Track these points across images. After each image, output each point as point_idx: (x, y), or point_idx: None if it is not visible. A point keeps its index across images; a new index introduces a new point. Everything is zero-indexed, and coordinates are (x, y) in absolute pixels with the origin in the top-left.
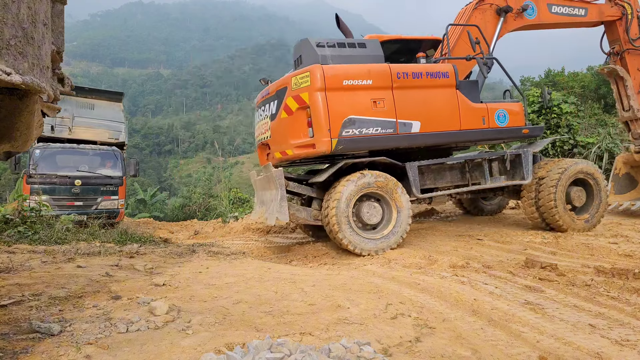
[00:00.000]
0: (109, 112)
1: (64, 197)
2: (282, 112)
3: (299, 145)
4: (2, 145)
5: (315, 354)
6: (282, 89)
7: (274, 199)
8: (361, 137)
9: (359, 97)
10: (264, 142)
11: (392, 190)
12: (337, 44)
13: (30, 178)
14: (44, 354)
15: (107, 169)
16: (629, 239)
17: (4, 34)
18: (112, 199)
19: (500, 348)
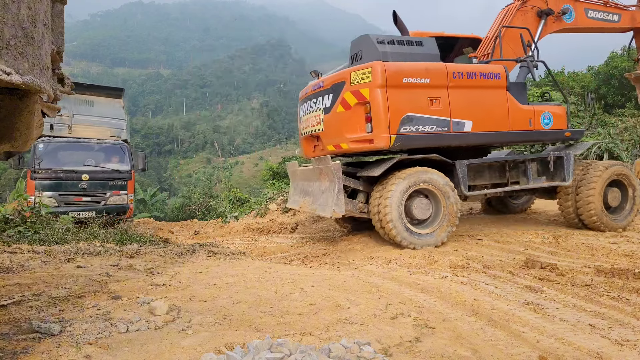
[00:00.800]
0: (109, 109)
1: (70, 192)
2: (338, 106)
3: (356, 139)
4: (2, 145)
5: (315, 354)
6: (339, 83)
7: (328, 190)
8: (417, 135)
9: (417, 95)
10: (313, 135)
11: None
12: (397, 41)
13: (34, 173)
14: (44, 354)
15: (114, 164)
16: (629, 239)
17: (4, 34)
18: (121, 194)
19: (500, 348)
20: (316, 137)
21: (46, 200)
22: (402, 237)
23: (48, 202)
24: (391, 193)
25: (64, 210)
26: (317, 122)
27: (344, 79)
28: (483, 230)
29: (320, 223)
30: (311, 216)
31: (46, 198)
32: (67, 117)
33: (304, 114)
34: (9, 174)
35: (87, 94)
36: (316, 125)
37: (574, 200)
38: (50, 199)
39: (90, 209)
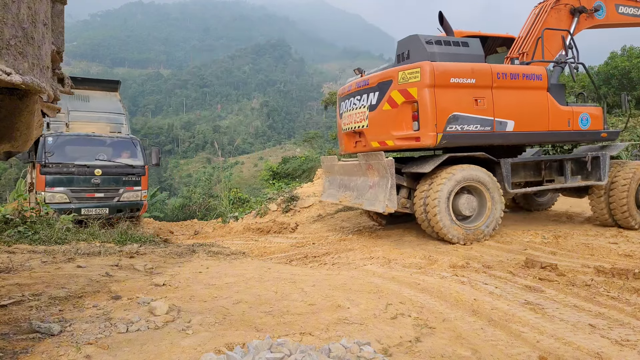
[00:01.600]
0: (106, 104)
1: (83, 188)
2: (384, 104)
3: (402, 137)
4: (2, 145)
5: (315, 354)
6: (386, 81)
7: (377, 185)
8: (462, 133)
9: (463, 95)
10: (356, 131)
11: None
12: (444, 41)
13: (44, 168)
14: (44, 354)
15: (127, 159)
16: (629, 239)
17: (4, 34)
18: (135, 189)
19: (500, 348)
20: (358, 133)
21: (57, 196)
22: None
23: (59, 198)
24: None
25: (76, 207)
26: (362, 119)
27: (390, 78)
28: None
29: (320, 223)
30: (311, 216)
31: (57, 194)
32: (63, 114)
33: (346, 111)
34: (9, 174)
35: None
36: (360, 121)
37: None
38: (61, 195)
39: (104, 206)
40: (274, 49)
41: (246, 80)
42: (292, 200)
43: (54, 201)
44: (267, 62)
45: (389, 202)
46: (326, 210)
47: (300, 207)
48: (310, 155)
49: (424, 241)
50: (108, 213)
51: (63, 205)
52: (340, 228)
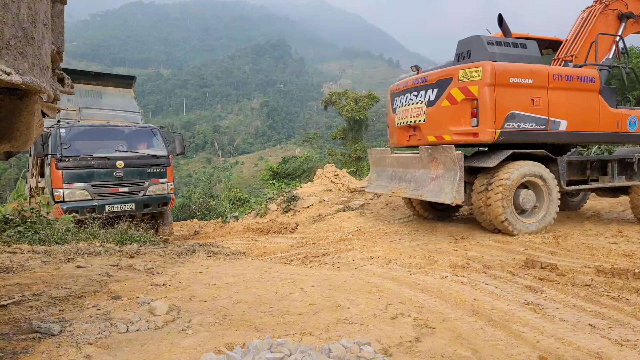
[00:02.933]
0: (120, 101)
1: (105, 183)
2: (443, 100)
3: (460, 132)
4: (2, 145)
5: (315, 354)
6: (446, 79)
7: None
8: (519, 131)
9: (521, 94)
10: (411, 125)
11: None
12: (504, 42)
13: (61, 162)
14: (44, 354)
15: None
16: (629, 239)
17: (4, 34)
18: (161, 182)
19: (500, 348)
20: (413, 128)
21: (77, 193)
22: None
23: (79, 195)
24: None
25: (99, 204)
26: (418, 114)
27: (450, 76)
28: (483, 230)
29: (320, 223)
30: (311, 216)
31: (77, 190)
32: (74, 112)
33: (400, 106)
34: (9, 174)
35: (93, 84)
36: (417, 116)
37: None
38: (82, 191)
39: (129, 201)
40: (274, 49)
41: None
42: (292, 200)
43: (74, 199)
44: (267, 62)
45: (457, 194)
46: (326, 210)
47: (300, 207)
48: (310, 155)
49: (424, 241)
50: (134, 209)
51: (85, 203)
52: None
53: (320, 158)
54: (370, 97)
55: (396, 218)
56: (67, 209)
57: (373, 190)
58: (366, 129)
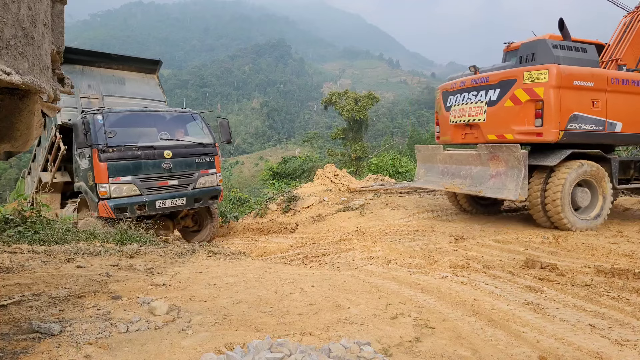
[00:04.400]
0: (145, 89)
1: (153, 175)
2: (506, 101)
3: (523, 132)
4: (3, 145)
5: (315, 354)
6: (509, 80)
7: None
8: (580, 132)
9: (582, 97)
10: (469, 123)
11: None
12: (567, 47)
13: (104, 153)
14: (44, 354)
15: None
16: (629, 239)
17: (4, 34)
18: (210, 172)
19: (500, 348)
20: (469, 126)
21: (125, 188)
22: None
23: (127, 190)
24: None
25: (149, 199)
26: (478, 113)
27: (514, 77)
28: (483, 230)
29: (320, 223)
30: (311, 216)
31: (125, 185)
32: (96, 100)
33: (456, 104)
34: (9, 174)
35: (114, 68)
36: (476, 115)
37: None
38: (129, 186)
39: (180, 195)
40: (274, 49)
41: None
42: (292, 200)
43: (122, 194)
44: (267, 62)
45: (521, 190)
46: (326, 211)
47: (300, 207)
48: (310, 155)
49: (424, 241)
50: (185, 204)
51: (134, 199)
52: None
53: (320, 158)
54: (370, 97)
55: (396, 218)
56: (116, 206)
57: (421, 185)
58: (366, 129)
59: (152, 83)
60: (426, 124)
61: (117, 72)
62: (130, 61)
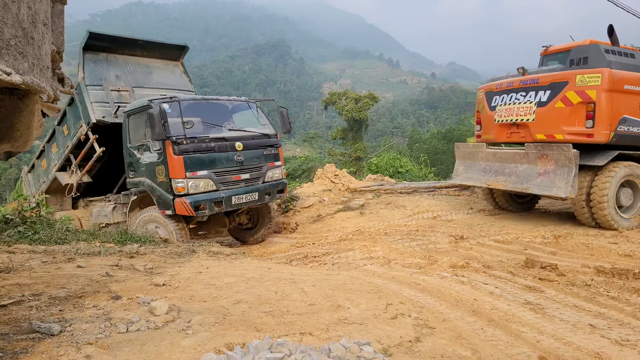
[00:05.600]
0: (171, 78)
1: (227, 169)
2: (557, 102)
3: (573, 132)
4: (3, 145)
5: (315, 354)
6: (561, 82)
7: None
8: (628, 134)
9: (631, 101)
10: (516, 123)
11: None
12: (617, 52)
13: (178, 145)
14: (44, 354)
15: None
16: (629, 239)
17: (4, 34)
18: (277, 165)
19: (500, 348)
20: (516, 125)
21: (202, 184)
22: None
23: (204, 186)
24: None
25: (226, 195)
26: (527, 113)
27: (566, 79)
28: (483, 230)
29: (320, 223)
30: (311, 216)
31: (202, 180)
32: (126, 93)
33: (502, 104)
34: (9, 174)
35: (139, 55)
36: (524, 115)
37: None
38: (206, 181)
39: (252, 190)
40: (274, 49)
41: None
42: (292, 200)
43: (199, 190)
44: (267, 62)
45: (571, 188)
46: (326, 211)
47: (300, 207)
48: (310, 155)
49: (424, 241)
50: (257, 199)
51: (211, 195)
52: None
53: (320, 158)
54: (370, 97)
55: (396, 218)
56: (195, 202)
57: (461, 182)
58: (366, 129)
59: (178, 71)
60: (426, 124)
61: (141, 60)
62: (155, 47)
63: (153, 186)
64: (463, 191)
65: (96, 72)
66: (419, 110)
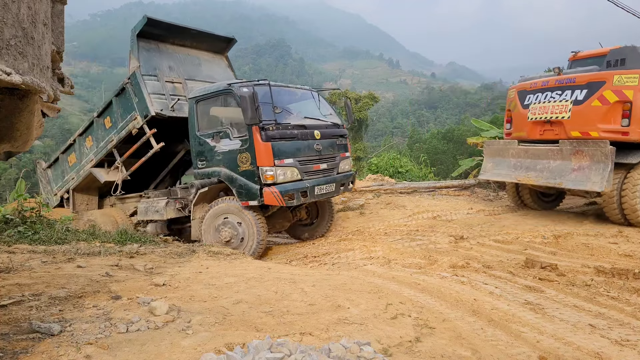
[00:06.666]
0: (217, 71)
1: (309, 158)
2: (594, 101)
3: (608, 130)
4: (3, 145)
5: (315, 354)
6: (598, 82)
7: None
8: None
9: None
10: (550, 120)
11: None
12: None
13: (267, 131)
14: (44, 354)
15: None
16: (629, 239)
17: (4, 34)
18: (347, 156)
19: (500, 348)
20: (550, 123)
21: (288, 172)
22: None
23: (291, 175)
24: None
25: (310, 185)
26: (562, 111)
27: (604, 79)
28: (483, 230)
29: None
30: None
31: (288, 168)
32: (179, 85)
33: (536, 102)
34: (9, 174)
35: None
36: (560, 113)
37: None
38: (292, 170)
39: (330, 181)
40: (274, 49)
41: None
42: None
43: (287, 179)
44: (267, 62)
45: (607, 183)
46: None
47: None
48: None
49: (424, 241)
50: (334, 190)
51: (297, 184)
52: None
53: None
54: (370, 97)
55: (396, 218)
56: (285, 192)
57: (490, 177)
58: (366, 129)
59: (223, 65)
60: (426, 124)
61: (190, 52)
62: (204, 38)
63: (233, 176)
64: (463, 191)
65: (150, 61)
66: (419, 110)
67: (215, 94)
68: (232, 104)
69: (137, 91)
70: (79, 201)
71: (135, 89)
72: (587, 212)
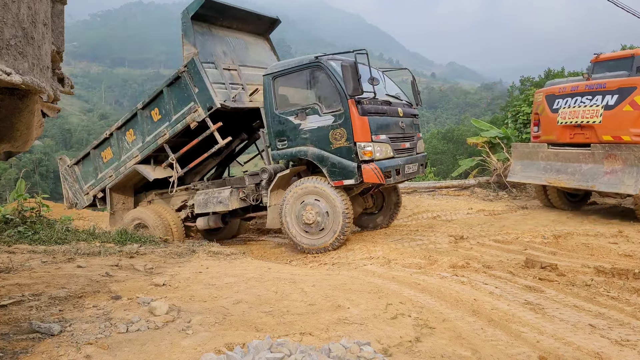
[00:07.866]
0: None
1: (397, 135)
2: (625, 105)
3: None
4: (3, 145)
5: (315, 354)
6: (629, 87)
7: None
8: None
9: None
10: (581, 125)
11: None
12: None
13: (362, 105)
14: (44, 354)
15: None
16: (629, 239)
17: (4, 34)
18: (421, 137)
19: (500, 348)
20: (580, 127)
21: (384, 148)
22: None
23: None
24: None
25: (402, 163)
26: (593, 115)
27: (635, 85)
28: (483, 230)
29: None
30: None
31: (383, 145)
32: (235, 72)
33: (565, 107)
34: (9, 174)
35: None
36: (591, 117)
37: None
38: (386, 146)
39: (414, 161)
40: None
41: None
42: None
43: (382, 156)
44: None
45: None
46: None
47: None
48: None
49: (425, 241)
50: (417, 170)
51: (391, 162)
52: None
53: None
54: None
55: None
56: (385, 169)
57: (519, 180)
58: None
59: (267, 47)
60: (426, 124)
61: (238, 35)
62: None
63: (323, 154)
64: (463, 191)
65: (205, 46)
66: (419, 110)
67: (298, 69)
68: (320, 78)
69: (196, 80)
70: (116, 200)
71: (195, 77)
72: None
